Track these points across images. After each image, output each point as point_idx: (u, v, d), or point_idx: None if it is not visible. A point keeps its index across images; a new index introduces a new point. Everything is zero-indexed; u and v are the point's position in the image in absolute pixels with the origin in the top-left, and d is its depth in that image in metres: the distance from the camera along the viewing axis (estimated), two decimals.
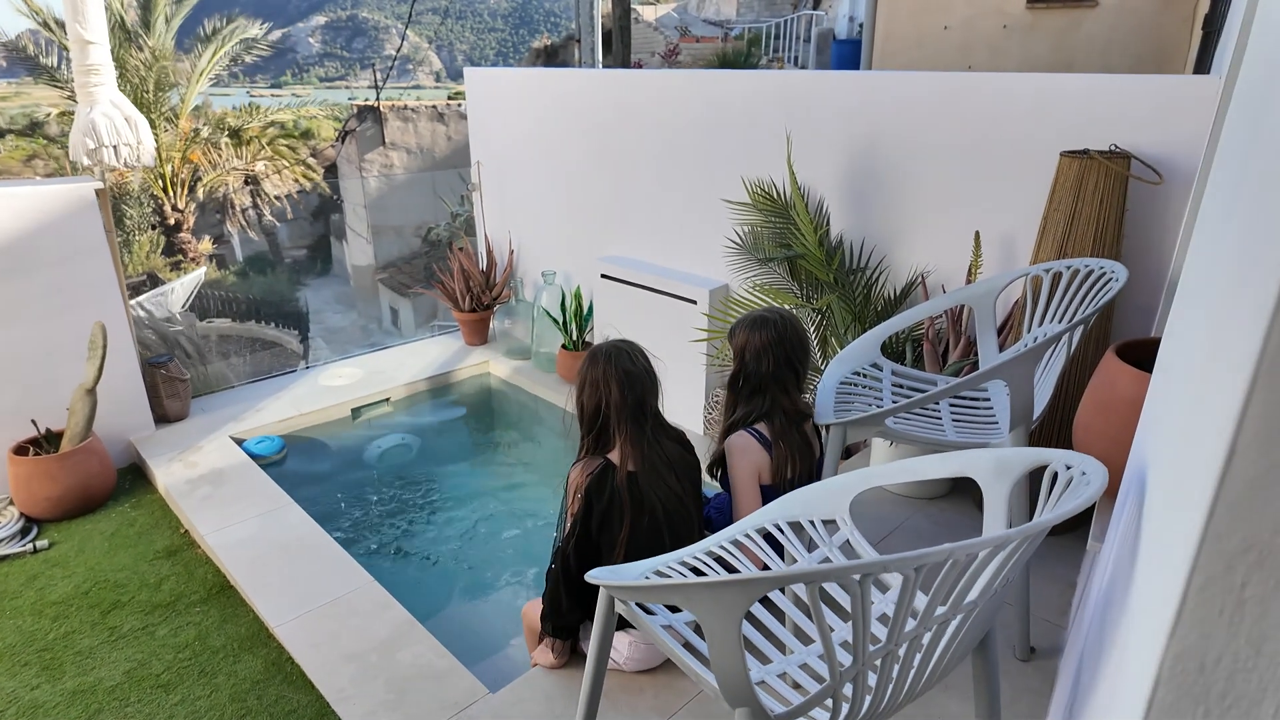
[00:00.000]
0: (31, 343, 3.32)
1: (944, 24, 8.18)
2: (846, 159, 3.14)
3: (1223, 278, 0.77)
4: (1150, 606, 0.57)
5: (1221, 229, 0.97)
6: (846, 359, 2.39)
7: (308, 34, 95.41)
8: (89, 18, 3.27)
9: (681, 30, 20.91)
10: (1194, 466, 0.61)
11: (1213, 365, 0.66)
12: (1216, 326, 0.69)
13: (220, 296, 9.96)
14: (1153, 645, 0.49)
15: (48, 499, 3.18)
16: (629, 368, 1.86)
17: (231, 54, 11.87)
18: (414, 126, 17.33)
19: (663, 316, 3.87)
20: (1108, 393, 1.75)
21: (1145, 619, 0.58)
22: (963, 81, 2.75)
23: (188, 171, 11.79)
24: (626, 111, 4.03)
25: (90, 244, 3.42)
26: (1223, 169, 1.27)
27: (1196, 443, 0.61)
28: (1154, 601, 0.55)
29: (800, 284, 3.20)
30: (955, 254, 2.86)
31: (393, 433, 4.10)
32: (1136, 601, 0.75)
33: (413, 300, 16.44)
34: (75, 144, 3.43)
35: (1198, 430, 0.62)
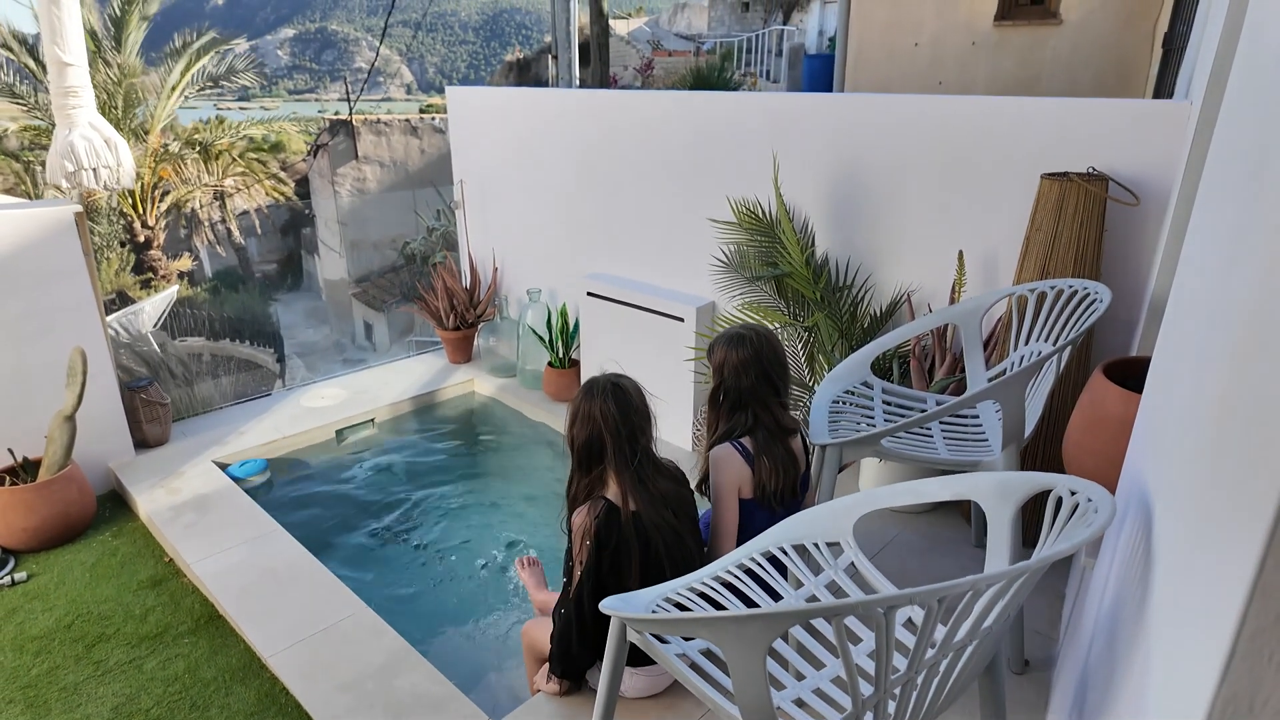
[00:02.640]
0: (7, 368, 3.25)
1: (914, 40, 8.36)
2: (831, 179, 3.20)
3: (1245, 305, 0.80)
4: (1193, 649, 0.60)
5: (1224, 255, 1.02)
6: (837, 378, 2.43)
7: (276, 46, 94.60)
8: (68, 40, 3.23)
9: (654, 44, 21.08)
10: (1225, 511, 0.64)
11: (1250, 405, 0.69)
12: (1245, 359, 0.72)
13: (192, 315, 9.79)
14: (1201, 687, 0.52)
15: (25, 529, 3.10)
16: (624, 403, 1.86)
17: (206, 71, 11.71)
18: (387, 140, 17.23)
19: (650, 334, 3.89)
20: (1097, 411, 1.81)
21: (1187, 661, 0.61)
22: (944, 104, 2.82)
23: (158, 189, 11.60)
24: (611, 131, 4.07)
25: (69, 267, 3.36)
26: (1212, 197, 1.32)
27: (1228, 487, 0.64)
28: (1198, 644, 0.58)
29: (787, 302, 3.24)
30: (939, 272, 2.92)
31: (378, 454, 4.07)
32: (1163, 636, 0.78)
33: (387, 315, 16.30)
34: (53, 166, 3.37)
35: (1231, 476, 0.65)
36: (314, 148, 17.88)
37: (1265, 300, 0.74)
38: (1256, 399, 0.71)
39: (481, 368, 4.96)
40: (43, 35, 3.29)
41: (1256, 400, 0.70)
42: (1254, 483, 0.61)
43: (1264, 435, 0.63)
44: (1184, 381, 1.18)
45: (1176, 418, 1.16)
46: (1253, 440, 0.69)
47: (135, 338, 7.87)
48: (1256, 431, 0.68)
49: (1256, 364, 0.73)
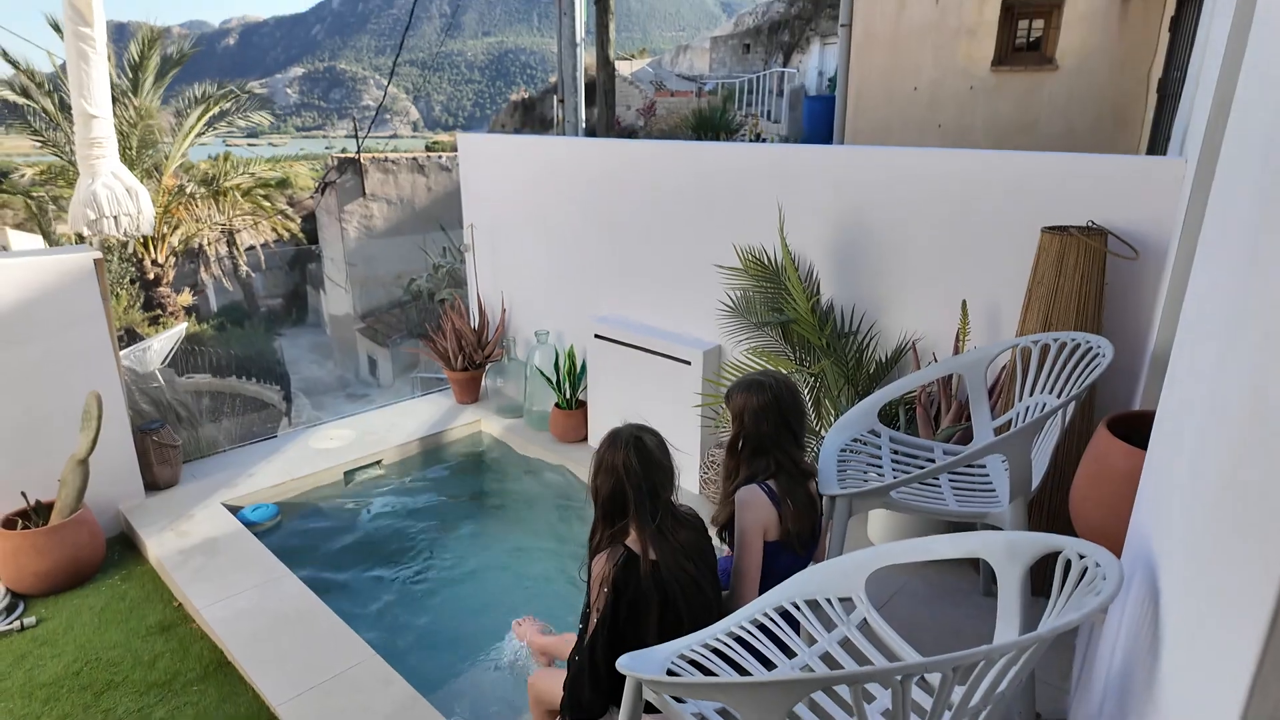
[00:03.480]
0: (24, 413, 3.29)
1: (913, 85, 8.54)
2: (835, 227, 3.27)
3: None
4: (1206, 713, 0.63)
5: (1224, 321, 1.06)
6: (845, 426, 2.46)
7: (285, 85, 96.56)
8: (94, 93, 3.33)
9: (656, 84, 21.50)
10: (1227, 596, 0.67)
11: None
12: None
13: (199, 351, 9.86)
14: None
15: (35, 574, 3.12)
16: (648, 456, 1.87)
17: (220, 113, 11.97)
18: (394, 178, 17.48)
19: (657, 377, 3.93)
20: (1102, 466, 1.84)
21: None
22: (945, 158, 2.90)
23: (169, 226, 11.77)
24: (619, 178, 4.16)
25: (87, 312, 3.42)
26: (1212, 258, 1.36)
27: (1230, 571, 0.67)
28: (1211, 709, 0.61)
29: (793, 347, 3.29)
30: (943, 321, 2.97)
31: (386, 496, 4.08)
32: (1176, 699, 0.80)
33: (392, 350, 16.37)
34: (75, 214, 3.46)
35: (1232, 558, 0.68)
36: (322, 185, 18.15)
37: (1264, 380, 0.78)
38: (1258, 485, 0.74)
39: (489, 408, 5.00)
40: (71, 88, 3.40)
41: (1257, 487, 0.74)
42: (1254, 569, 0.65)
43: (1265, 521, 0.66)
44: (1187, 448, 1.21)
45: (1180, 485, 1.19)
46: (1253, 524, 0.73)
47: (142, 375, 7.92)
48: (1257, 515, 0.71)
49: (1254, 450, 0.76)
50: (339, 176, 16.61)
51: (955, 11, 8.13)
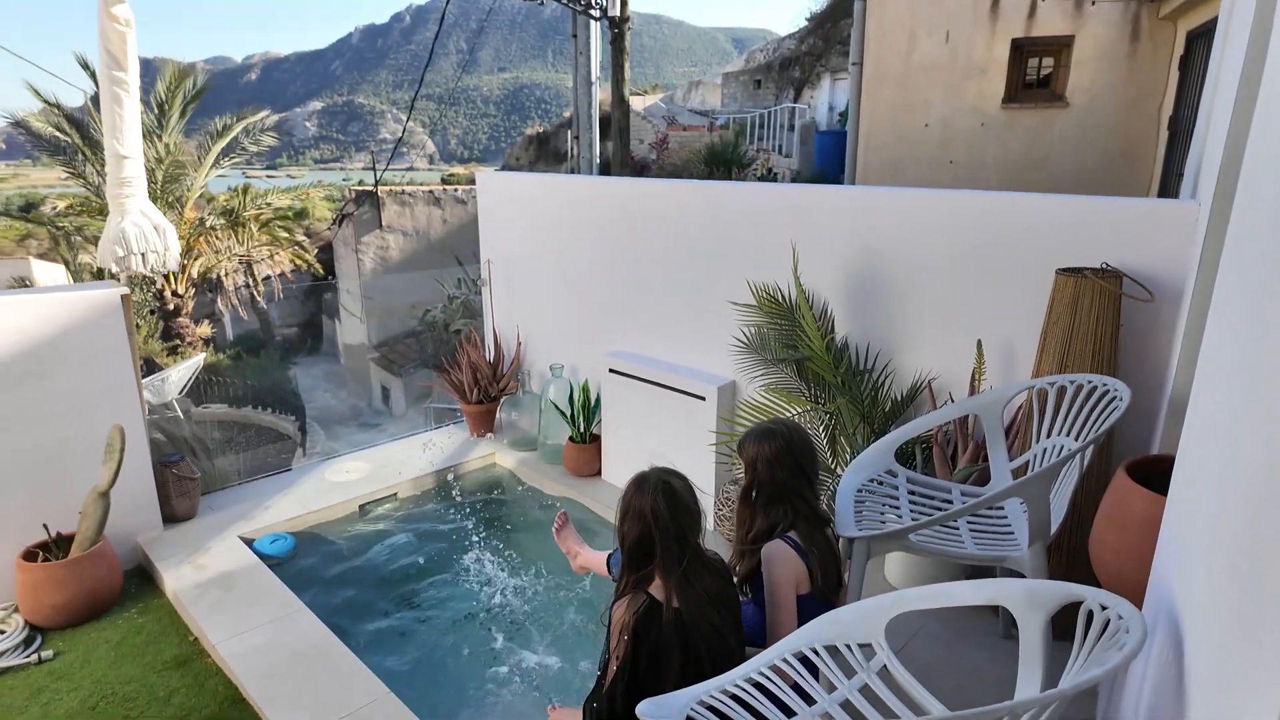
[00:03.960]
0: (48, 444, 3.34)
1: (924, 122, 8.64)
2: (849, 266, 3.30)
3: None
4: None
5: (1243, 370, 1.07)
6: (862, 466, 2.46)
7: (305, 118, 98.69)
8: (126, 135, 3.44)
9: (669, 119, 21.82)
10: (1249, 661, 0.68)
11: None
12: None
13: (215, 381, 9.96)
14: None
15: (54, 606, 3.14)
16: (676, 502, 1.85)
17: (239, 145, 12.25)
18: (410, 210, 17.75)
19: (671, 412, 3.95)
20: (1121, 511, 1.83)
21: None
22: (960, 200, 2.94)
23: (189, 258, 11.98)
24: (634, 215, 4.22)
25: (112, 346, 3.48)
26: (1229, 303, 1.37)
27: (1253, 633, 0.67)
28: None
29: (808, 384, 3.30)
30: (958, 360, 2.98)
31: (401, 530, 4.09)
32: None
33: (405, 379, 16.47)
34: (104, 251, 3.54)
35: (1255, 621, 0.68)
36: (339, 217, 18.46)
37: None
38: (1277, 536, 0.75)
39: (503, 441, 5.02)
40: (104, 130, 3.51)
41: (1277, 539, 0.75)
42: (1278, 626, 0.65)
43: None
44: (1205, 496, 1.21)
45: (1200, 534, 1.19)
46: (1275, 576, 0.73)
47: (160, 405, 8.01)
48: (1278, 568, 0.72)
49: (1273, 501, 0.77)
50: (356, 209, 16.89)
51: (965, 50, 8.25)
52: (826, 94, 18.30)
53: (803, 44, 19.92)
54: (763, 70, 22.02)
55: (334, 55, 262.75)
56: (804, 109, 16.98)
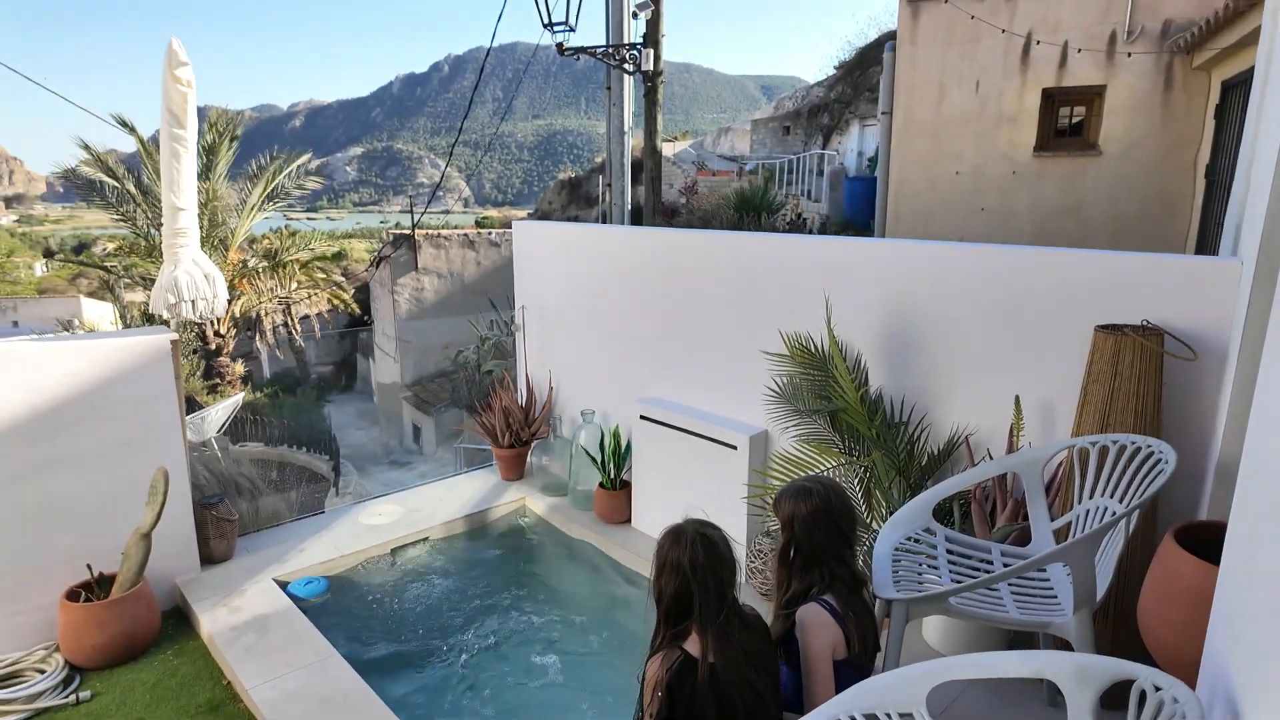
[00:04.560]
0: (97, 487, 3.43)
1: (955, 170, 8.67)
2: (882, 318, 3.30)
3: None
4: None
5: None
6: (899, 524, 2.43)
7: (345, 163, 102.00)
8: (182, 188, 3.60)
9: (698, 164, 22.15)
10: None
11: None
12: None
13: (252, 420, 10.16)
14: None
15: (94, 647, 3.19)
16: (714, 554, 1.83)
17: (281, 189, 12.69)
18: (446, 253, 18.16)
19: (702, 460, 3.94)
20: (1171, 580, 1.78)
21: None
22: (995, 255, 2.94)
23: (232, 298, 12.35)
24: (667, 265, 4.28)
25: (160, 390, 3.59)
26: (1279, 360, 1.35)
27: None
28: None
29: (842, 436, 3.28)
30: (996, 415, 2.94)
31: (432, 575, 4.10)
32: None
33: (436, 418, 16.64)
34: (157, 298, 3.68)
35: None
36: (377, 259, 18.93)
37: None
38: None
39: (533, 485, 5.03)
40: (162, 183, 3.68)
41: None
42: None
43: None
44: (1265, 568, 1.18)
45: (1259, 610, 1.16)
46: None
47: (199, 443, 8.18)
48: None
49: None
50: (393, 251, 17.32)
51: (995, 100, 8.30)
52: (855, 140, 18.47)
53: (831, 91, 20.19)
54: (791, 117, 22.34)
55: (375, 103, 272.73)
56: (833, 155, 17.15)
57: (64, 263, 38.83)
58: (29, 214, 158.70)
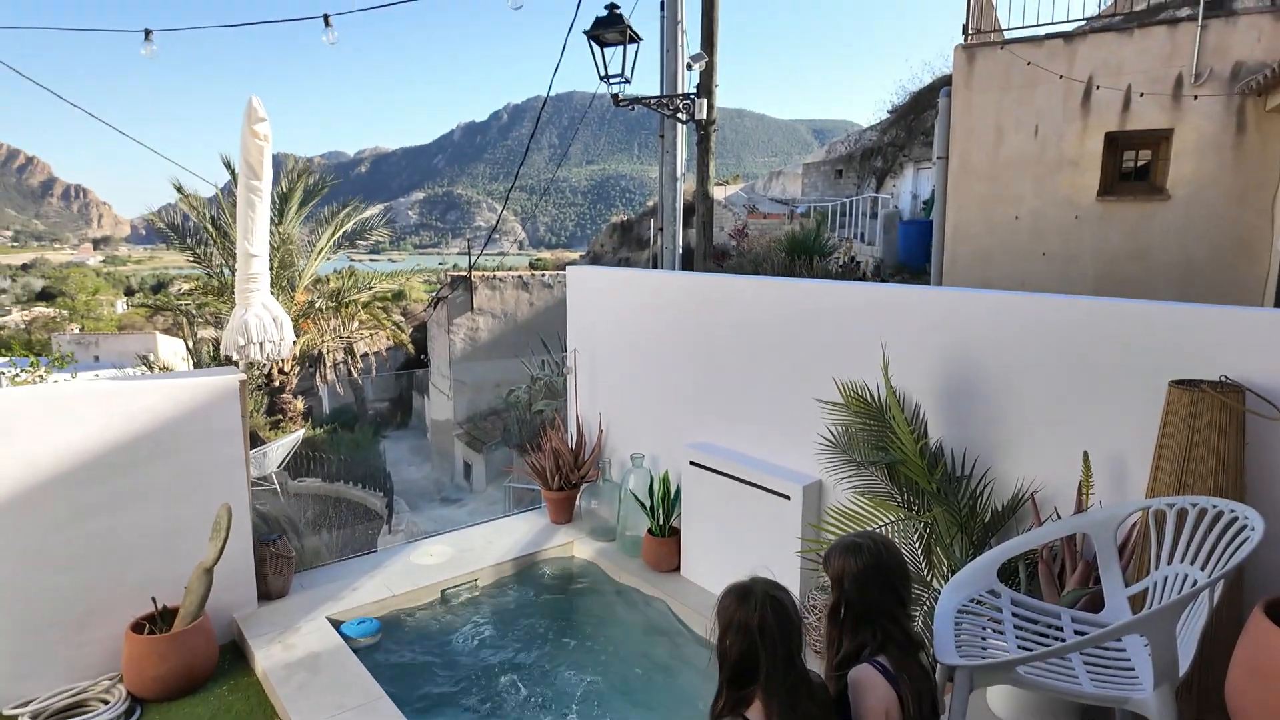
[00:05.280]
0: (164, 521, 3.56)
1: (1014, 214, 8.50)
2: (942, 368, 3.22)
3: None
4: None
5: None
6: (962, 585, 2.34)
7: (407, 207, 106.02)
8: (256, 236, 3.78)
9: (749, 207, 22.27)
10: None
11: None
12: None
13: (311, 456, 10.44)
14: None
15: (155, 678, 3.27)
16: (784, 618, 1.77)
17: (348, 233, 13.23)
18: (500, 294, 18.59)
19: (753, 510, 3.87)
20: (1261, 657, 1.66)
21: None
22: (1059, 305, 2.85)
23: (297, 337, 12.83)
24: (719, 310, 4.28)
25: (227, 428, 3.73)
26: None
27: None
28: None
29: (900, 490, 3.19)
30: (1063, 471, 2.82)
31: (482, 619, 4.09)
32: None
33: (486, 456, 16.83)
34: (228, 340, 3.84)
35: None
36: (435, 300, 19.48)
37: None
38: None
39: (582, 529, 5.01)
40: (237, 230, 3.87)
41: None
42: None
43: None
44: None
45: None
46: None
47: (260, 478, 8.42)
48: None
49: None
50: (451, 293, 17.81)
51: (1055, 144, 8.16)
52: (910, 183, 18.35)
53: (885, 135, 20.17)
54: (844, 160, 22.35)
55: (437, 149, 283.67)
56: (886, 198, 17.05)
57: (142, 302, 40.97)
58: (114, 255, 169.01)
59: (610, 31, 6.52)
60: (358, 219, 13.39)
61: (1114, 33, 7.91)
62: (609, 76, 6.70)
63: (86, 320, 46.18)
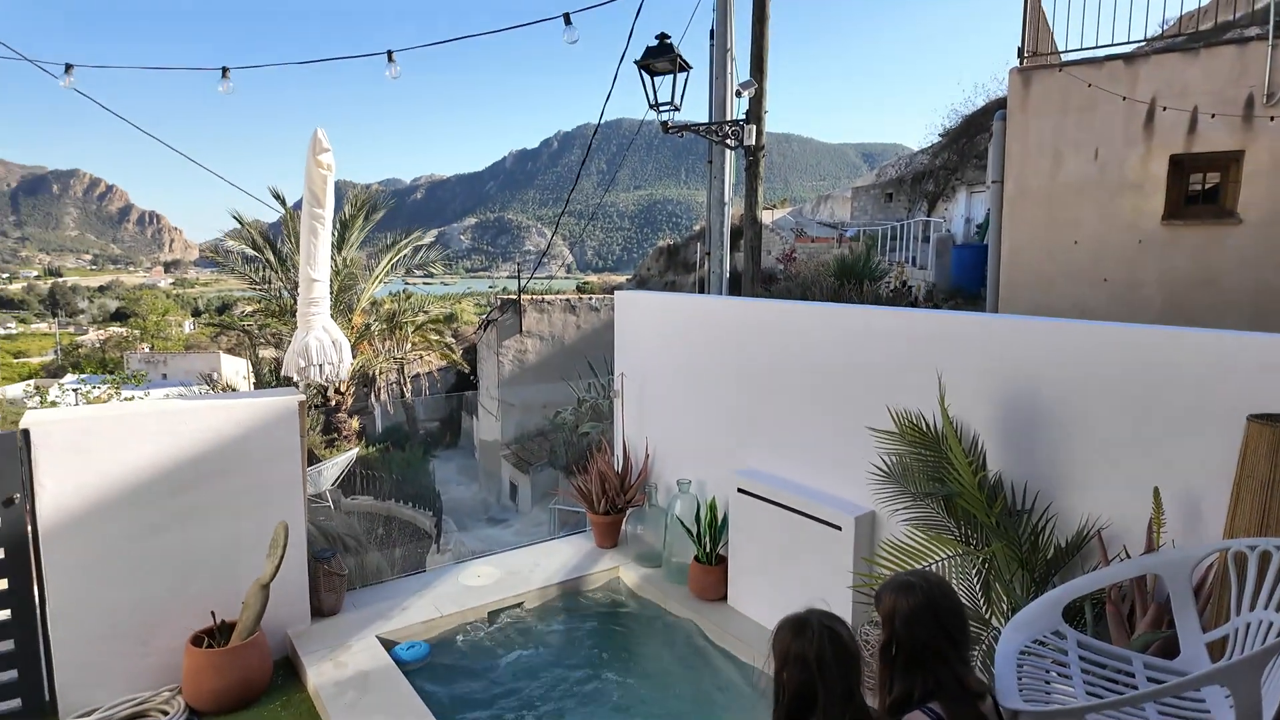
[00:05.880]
0: (225, 537, 3.67)
1: (1073, 239, 8.27)
2: (1001, 399, 3.13)
3: None
4: None
5: None
6: (1024, 625, 2.24)
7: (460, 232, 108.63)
8: (318, 262, 3.91)
9: (797, 231, 22.14)
10: None
11: None
12: None
13: (362, 474, 10.65)
14: None
15: (212, 692, 3.35)
16: (842, 651, 1.74)
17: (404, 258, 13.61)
18: (548, 317, 18.84)
19: (804, 539, 3.80)
20: None
21: None
22: (1126, 334, 2.75)
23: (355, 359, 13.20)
24: (768, 335, 4.25)
25: (286, 448, 3.83)
26: None
27: None
28: None
29: (958, 523, 3.09)
30: (1131, 508, 2.70)
31: (528, 643, 4.09)
32: None
33: (532, 476, 16.95)
34: (289, 362, 3.97)
35: None
36: (485, 322, 19.82)
37: None
38: None
39: (627, 554, 4.99)
40: (300, 256, 4.02)
41: None
42: None
43: None
44: None
45: None
46: None
47: (314, 495, 8.62)
48: None
49: None
50: (500, 315, 18.11)
51: (1117, 167, 7.93)
52: (963, 207, 18.02)
53: (937, 158, 19.89)
54: (894, 184, 22.10)
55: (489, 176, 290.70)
56: (939, 222, 16.77)
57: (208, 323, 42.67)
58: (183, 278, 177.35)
59: (660, 61, 6.60)
60: (414, 244, 13.79)
61: (1178, 53, 7.68)
62: (659, 104, 6.78)
63: (156, 340, 48.34)
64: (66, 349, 52.51)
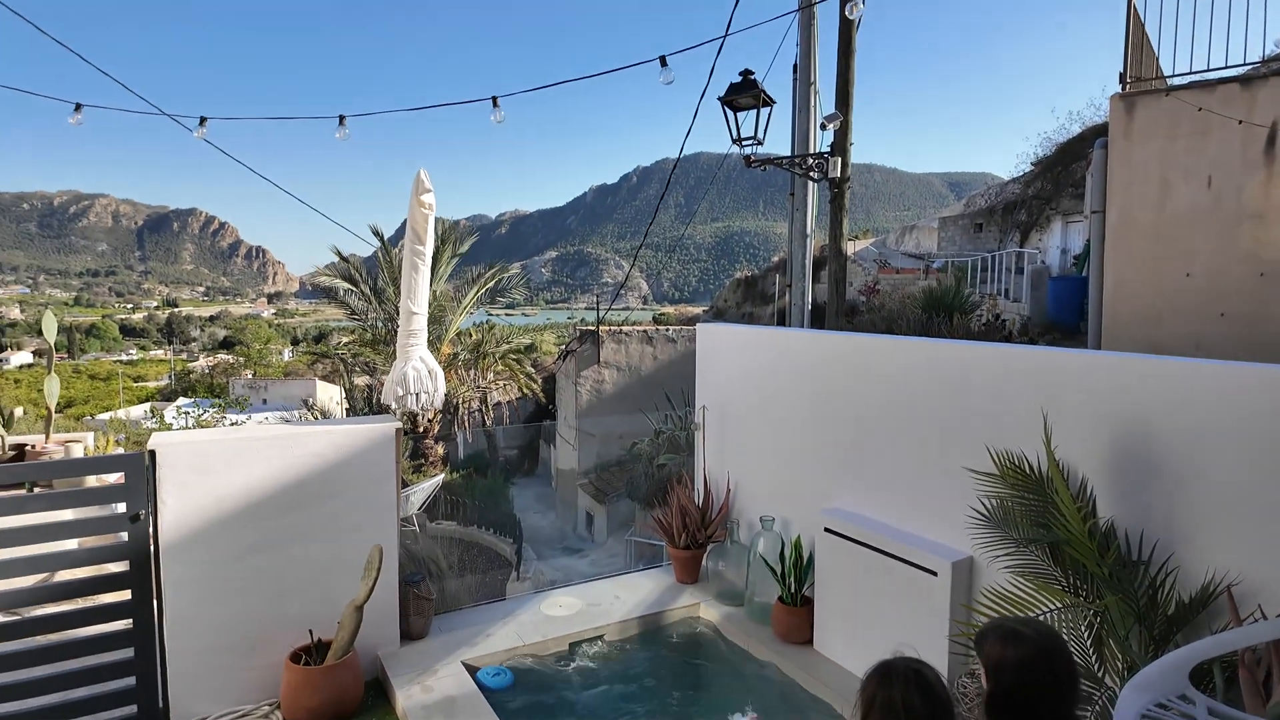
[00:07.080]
0: (324, 557, 3.82)
1: (1185, 271, 7.78)
2: (1112, 441, 2.95)
3: None
4: None
5: None
6: (1146, 686, 2.08)
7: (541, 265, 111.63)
8: (418, 296, 4.09)
9: (880, 263, 21.66)
10: None
11: None
12: None
13: (446, 499, 10.93)
14: None
15: (307, 709, 3.47)
16: (931, 698, 1.69)
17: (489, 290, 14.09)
18: (625, 348, 19.01)
19: (896, 585, 3.66)
20: None
21: None
22: (1255, 374, 2.56)
23: None
24: (855, 370, 4.15)
25: (383, 473, 3.98)
26: None
27: None
28: None
29: (1065, 573, 2.91)
30: (1267, 564, 2.49)
31: (609, 678, 4.07)
32: None
33: (608, 507, 16.99)
34: (388, 390, 4.15)
35: None
36: (564, 353, 20.20)
37: None
38: None
39: (708, 591, 4.91)
40: (401, 290, 4.21)
41: None
42: None
43: None
44: None
45: None
46: None
47: (401, 519, 8.89)
48: None
49: None
50: (579, 346, 18.41)
51: (1234, 195, 7.44)
52: (1059, 237, 17.28)
53: (1029, 187, 19.21)
54: (984, 214, 21.42)
55: (570, 211, 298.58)
56: (1033, 253, 16.10)
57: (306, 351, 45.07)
58: (285, 308, 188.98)
59: (744, 96, 6.65)
60: (499, 277, 14.27)
61: None
62: (741, 139, 6.82)
63: (259, 367, 51.42)
64: (179, 374, 56.57)
